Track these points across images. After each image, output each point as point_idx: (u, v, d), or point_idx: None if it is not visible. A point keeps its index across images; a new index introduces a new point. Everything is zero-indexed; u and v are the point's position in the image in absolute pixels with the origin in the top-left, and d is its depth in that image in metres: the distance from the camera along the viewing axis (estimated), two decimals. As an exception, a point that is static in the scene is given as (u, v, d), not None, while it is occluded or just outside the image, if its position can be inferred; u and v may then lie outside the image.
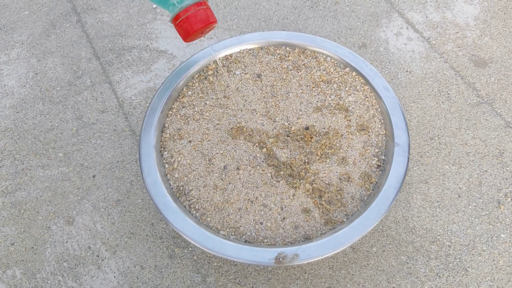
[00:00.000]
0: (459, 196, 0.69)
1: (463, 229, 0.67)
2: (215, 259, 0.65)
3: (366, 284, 0.63)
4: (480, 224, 0.67)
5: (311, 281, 0.63)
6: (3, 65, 0.87)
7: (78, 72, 0.85)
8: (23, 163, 0.74)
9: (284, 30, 0.88)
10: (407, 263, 0.64)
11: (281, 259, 0.54)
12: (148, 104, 0.69)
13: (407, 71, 0.82)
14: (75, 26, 0.93)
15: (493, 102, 0.78)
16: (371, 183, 0.61)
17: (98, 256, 0.66)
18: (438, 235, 0.66)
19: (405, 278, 0.63)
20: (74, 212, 0.70)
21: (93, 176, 0.73)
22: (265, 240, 0.57)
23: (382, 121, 0.66)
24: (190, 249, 0.66)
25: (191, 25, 0.50)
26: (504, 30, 0.87)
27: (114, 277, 0.65)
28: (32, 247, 0.67)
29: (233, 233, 0.58)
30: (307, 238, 0.57)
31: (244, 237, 0.58)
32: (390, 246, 0.66)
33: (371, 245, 0.66)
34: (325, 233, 0.58)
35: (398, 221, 0.68)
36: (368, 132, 0.65)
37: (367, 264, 0.65)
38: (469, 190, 0.70)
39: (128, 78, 0.84)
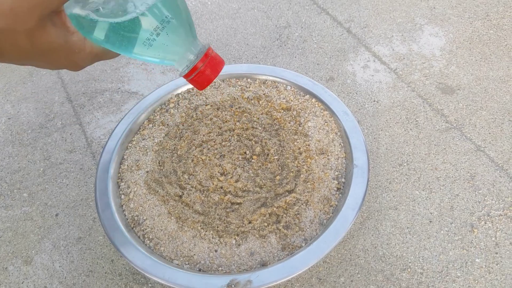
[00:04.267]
0: (430, 222, 0.67)
1: (436, 255, 0.63)
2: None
3: (333, 316, 0.59)
4: (454, 249, 0.64)
5: (275, 315, 0.59)
6: (-23, 112, 0.88)
7: (50, 115, 0.86)
8: (-13, 205, 0.73)
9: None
10: (377, 292, 0.61)
11: (233, 286, 0.51)
12: (107, 138, 0.68)
13: (374, 101, 0.82)
14: (51, 73, 0.95)
15: (462, 127, 0.77)
16: (330, 206, 0.59)
17: (53, 295, 0.63)
18: (409, 262, 0.63)
19: (374, 309, 0.59)
20: (33, 252, 0.68)
21: (56, 215, 0.72)
22: (220, 268, 0.55)
23: (342, 144, 0.65)
24: (150, 285, 0.63)
25: (203, 82, 0.44)
26: (470, 59, 0.88)
27: (69, 317, 0.61)
28: (-13, 289, 0.64)
29: (187, 262, 0.56)
30: (264, 265, 0.55)
31: (198, 265, 0.55)
32: (359, 276, 0.62)
33: (338, 275, 0.63)
34: (282, 259, 0.55)
35: (367, 250, 0.65)
36: (328, 155, 0.63)
37: (335, 295, 0.61)
38: (440, 215, 0.67)
39: (98, 119, 0.85)
